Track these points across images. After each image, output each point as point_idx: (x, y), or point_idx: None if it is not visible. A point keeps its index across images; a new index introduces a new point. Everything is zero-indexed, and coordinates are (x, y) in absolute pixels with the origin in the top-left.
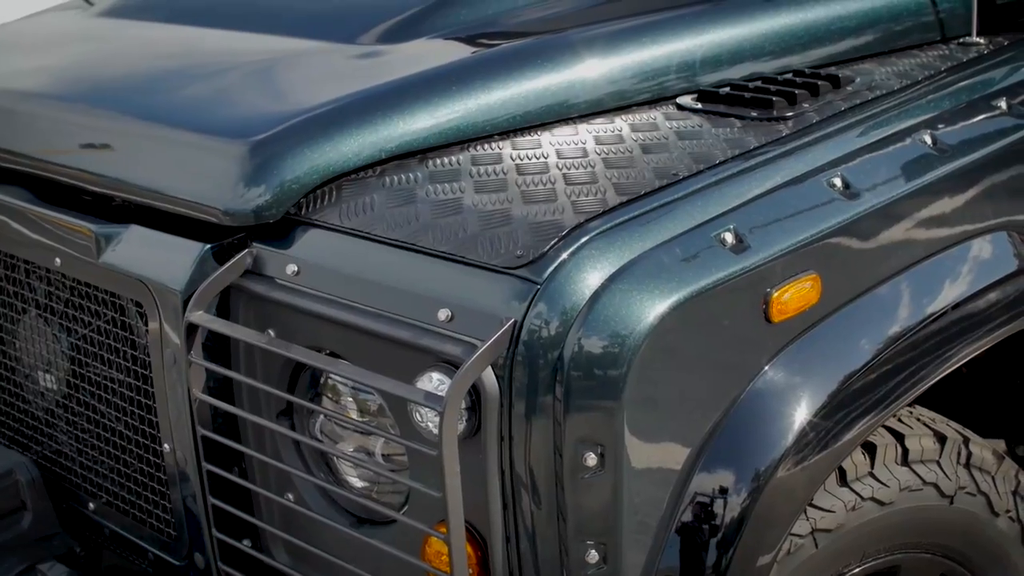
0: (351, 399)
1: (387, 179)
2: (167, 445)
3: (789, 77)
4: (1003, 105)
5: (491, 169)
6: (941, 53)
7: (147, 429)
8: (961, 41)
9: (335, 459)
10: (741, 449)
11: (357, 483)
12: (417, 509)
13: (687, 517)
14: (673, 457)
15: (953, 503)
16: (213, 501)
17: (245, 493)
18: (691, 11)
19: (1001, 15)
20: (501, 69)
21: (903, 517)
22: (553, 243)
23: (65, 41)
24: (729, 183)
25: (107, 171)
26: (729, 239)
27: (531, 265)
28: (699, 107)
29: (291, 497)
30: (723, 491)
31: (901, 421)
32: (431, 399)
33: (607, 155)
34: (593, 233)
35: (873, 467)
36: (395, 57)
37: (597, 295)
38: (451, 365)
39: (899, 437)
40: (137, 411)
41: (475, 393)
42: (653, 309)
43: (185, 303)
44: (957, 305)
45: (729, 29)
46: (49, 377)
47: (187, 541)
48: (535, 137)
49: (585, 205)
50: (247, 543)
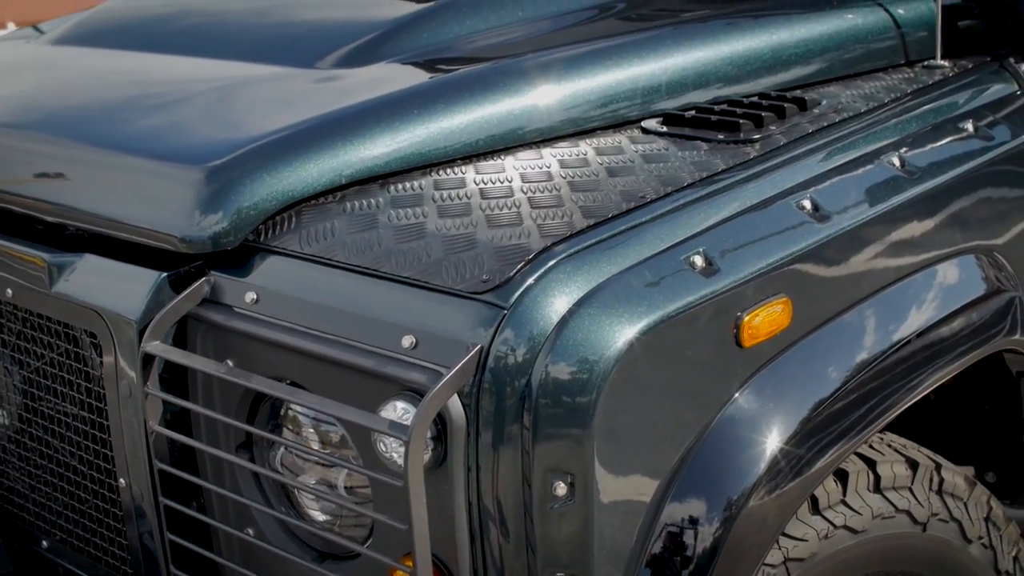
0: (312, 430)
1: (348, 204)
2: (123, 480)
3: (755, 100)
4: (969, 127)
5: (454, 193)
6: (906, 76)
7: (102, 464)
8: (926, 64)
9: (296, 492)
10: (713, 478)
11: (319, 516)
12: (382, 542)
13: (658, 548)
14: (644, 486)
15: (926, 530)
16: (171, 537)
17: (204, 528)
18: (654, 34)
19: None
20: (463, 93)
21: (876, 545)
22: (519, 267)
23: (15, 70)
24: (697, 206)
25: (60, 199)
26: (699, 262)
27: (497, 290)
28: (664, 130)
29: (251, 532)
30: (695, 521)
31: (872, 447)
32: (396, 428)
33: (572, 178)
34: (560, 256)
35: (845, 495)
36: (354, 81)
37: (565, 320)
38: (416, 393)
39: (871, 464)
40: (92, 445)
41: (441, 422)
42: (623, 334)
43: (141, 333)
44: (927, 329)
45: (694, 52)
46: (0, 411)
47: None
48: (498, 161)
49: (552, 228)
50: None
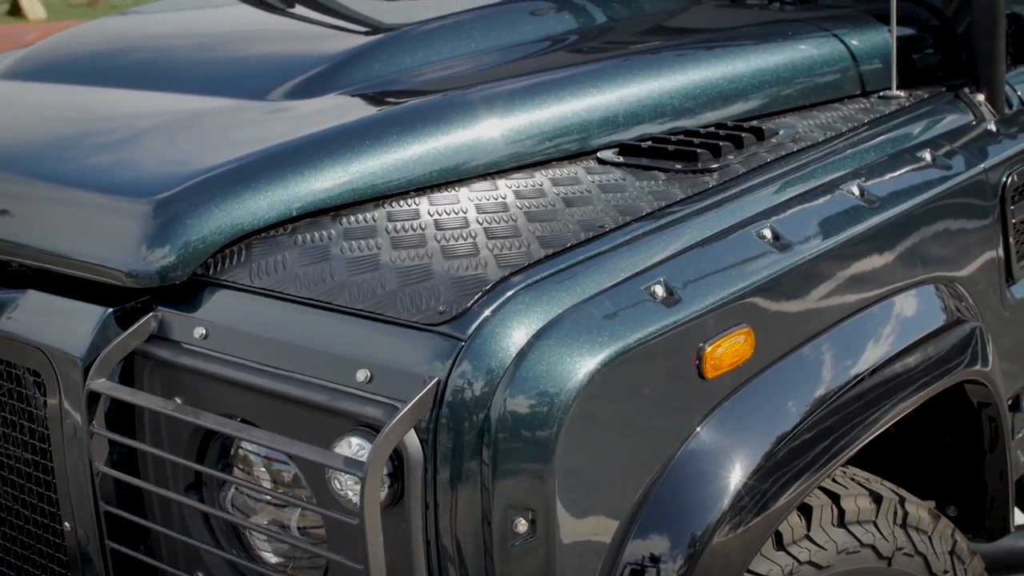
0: (264, 469)
1: (299, 237)
2: (68, 524)
3: (712, 130)
4: (927, 157)
5: (408, 225)
6: (862, 106)
7: (46, 507)
8: (881, 95)
9: (248, 533)
10: (676, 514)
11: (272, 558)
12: None
13: None
14: (607, 522)
15: (891, 565)
16: None
17: (152, 573)
18: (607, 65)
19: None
20: (416, 124)
21: None
22: (477, 298)
23: None
24: (657, 235)
25: (3, 235)
26: (660, 292)
27: (454, 321)
28: (621, 160)
29: (201, 575)
30: (658, 559)
31: (836, 481)
32: (351, 464)
33: (529, 209)
34: (519, 287)
35: (809, 529)
36: (304, 113)
37: (524, 352)
38: (371, 429)
39: (834, 498)
40: (35, 488)
41: (397, 458)
42: (584, 365)
43: (86, 371)
44: (891, 360)
45: (647, 84)
46: None
47: None
48: (452, 192)
49: (509, 258)
50: None
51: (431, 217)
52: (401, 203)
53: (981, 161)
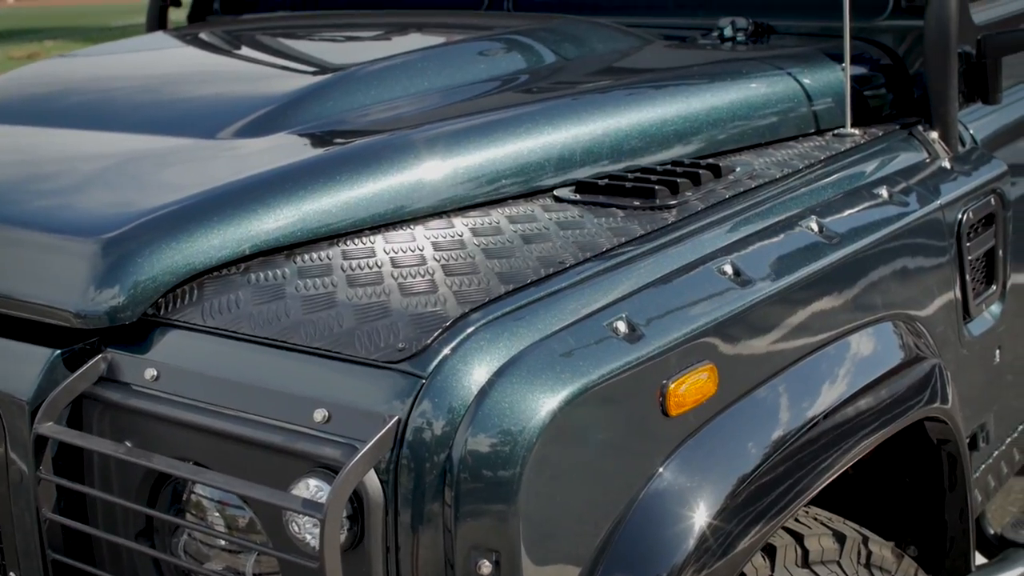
0: (218, 514)
1: (252, 276)
2: (13, 574)
3: (668, 167)
4: (884, 194)
5: (364, 263)
6: (817, 144)
7: None
8: (836, 132)
9: None
10: (641, 555)
11: None
12: None
13: None
14: (571, 562)
15: None
16: None
17: None
18: (561, 104)
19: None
20: (369, 162)
21: None
22: (437, 334)
23: None
24: (618, 271)
25: None
26: (622, 328)
27: (414, 359)
28: (577, 198)
29: None
30: None
31: (799, 521)
32: (310, 506)
33: (486, 246)
34: (480, 323)
35: (774, 570)
36: (253, 152)
37: (486, 389)
38: (329, 470)
39: (798, 538)
40: None
41: (357, 499)
42: (548, 403)
43: (33, 414)
44: (854, 397)
45: (603, 121)
46: None
47: None
48: (408, 231)
49: (469, 295)
50: None
51: (387, 255)
52: (355, 241)
53: (937, 198)
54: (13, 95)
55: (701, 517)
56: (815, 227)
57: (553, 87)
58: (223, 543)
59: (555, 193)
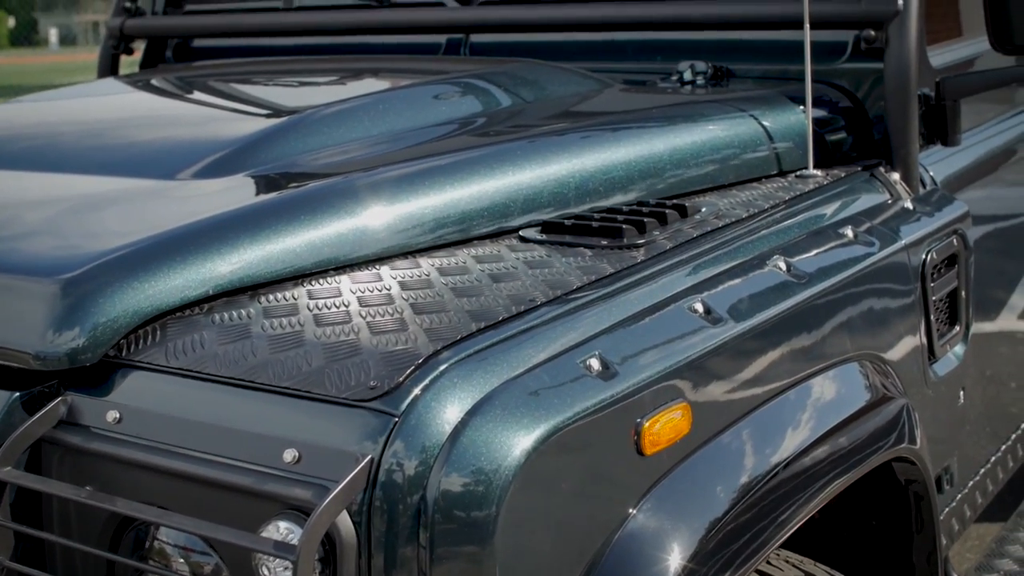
0: (183, 560)
1: (216, 316)
2: None
3: (635, 207)
4: (850, 234)
5: (331, 303)
6: (781, 185)
7: None
8: (799, 174)
9: None
10: None
11: None
12: None
13: None
14: None
15: None
16: None
17: None
18: (522, 145)
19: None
20: (333, 203)
21: None
22: (409, 372)
23: None
24: (589, 309)
25: None
26: (596, 365)
27: (386, 397)
28: (544, 238)
29: None
30: None
31: (770, 563)
32: (282, 548)
33: (455, 285)
34: (452, 360)
35: None
36: (215, 192)
37: (461, 428)
38: (300, 512)
39: None
40: None
41: (329, 542)
42: (523, 442)
43: None
44: (824, 437)
45: (566, 163)
46: None
47: None
48: (373, 271)
49: (440, 332)
50: None
51: (353, 295)
52: (320, 282)
53: (902, 238)
54: None
55: (676, 560)
56: (783, 266)
57: (513, 129)
58: None
59: (521, 233)
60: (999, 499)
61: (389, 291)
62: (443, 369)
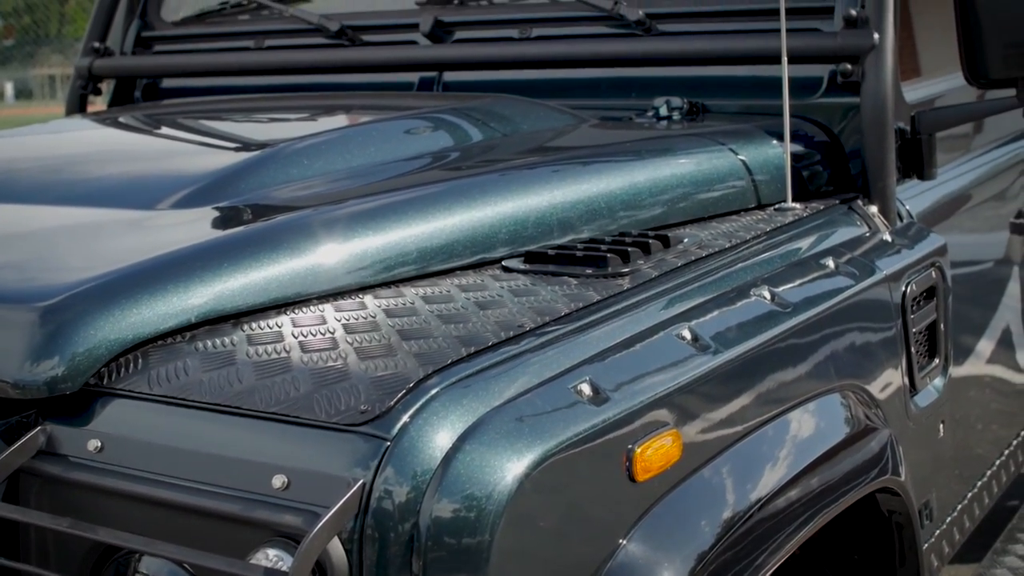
0: None
1: (200, 344)
2: None
3: (617, 237)
4: (831, 264)
5: (316, 330)
6: (761, 217)
7: None
8: (778, 207)
9: None
10: None
11: None
12: None
13: None
14: None
15: None
16: None
17: None
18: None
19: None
20: (316, 232)
21: None
22: (400, 395)
23: None
24: (578, 335)
25: None
26: (587, 390)
27: (377, 420)
28: (527, 268)
29: None
30: None
31: None
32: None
33: (440, 312)
34: (444, 384)
35: None
36: (195, 222)
37: (453, 452)
38: (289, 539)
39: None
40: None
41: (319, 570)
42: (516, 467)
43: None
44: (811, 466)
45: (548, 193)
46: None
47: None
48: (357, 300)
49: (430, 357)
50: None
51: (339, 322)
52: (305, 310)
53: (882, 269)
54: None
55: None
56: (768, 295)
57: (490, 162)
58: None
59: (504, 264)
60: (972, 539)
61: (374, 318)
62: (434, 393)
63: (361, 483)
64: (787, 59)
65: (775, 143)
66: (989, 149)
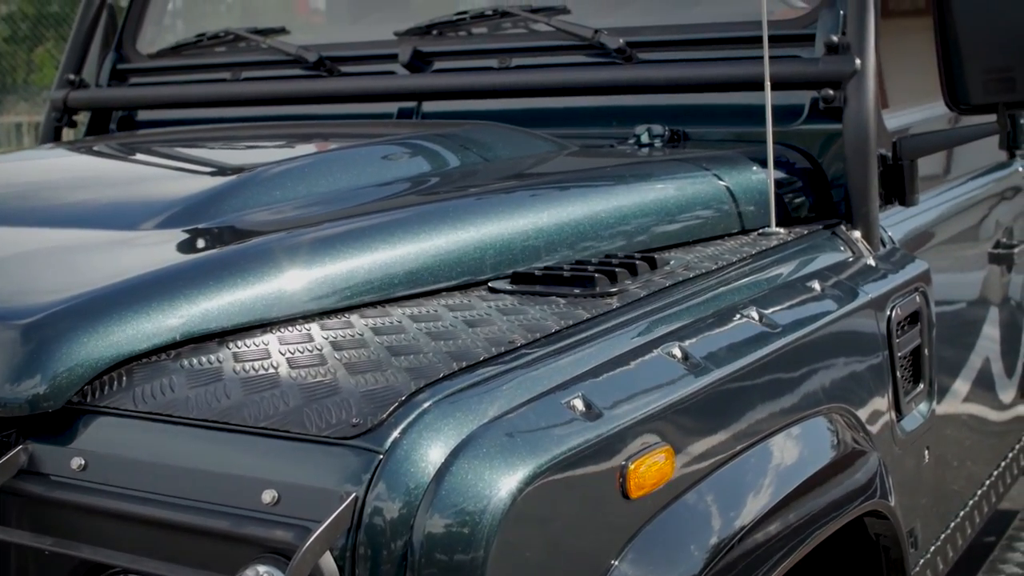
0: None
1: (185, 361)
2: None
3: (604, 259)
4: (817, 287)
5: (303, 347)
6: (745, 242)
7: None
8: (761, 232)
9: None
10: None
11: None
12: None
13: None
14: None
15: None
16: None
17: None
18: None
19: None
20: (301, 252)
21: None
22: (393, 408)
23: None
24: (570, 352)
25: None
26: (580, 406)
27: (369, 434)
28: (513, 288)
29: None
30: None
31: None
32: None
33: (429, 330)
34: (437, 398)
35: None
36: (179, 242)
37: (447, 466)
38: (280, 555)
39: None
40: None
41: None
42: (511, 481)
43: None
44: (802, 487)
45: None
46: None
47: None
48: (343, 319)
49: (421, 371)
50: None
51: (326, 340)
52: (290, 329)
53: (868, 293)
54: None
55: None
56: (756, 316)
57: (471, 187)
58: None
59: (490, 285)
60: (953, 571)
61: (362, 336)
62: (427, 407)
63: (353, 497)
64: (769, 85)
65: (758, 169)
66: (966, 180)
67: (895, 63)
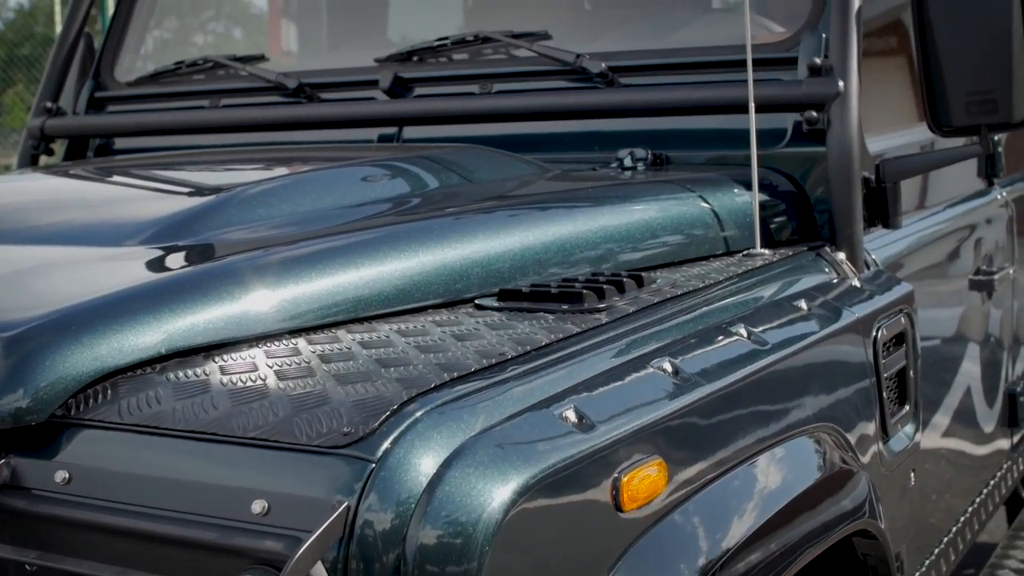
0: None
1: (171, 374)
2: None
3: (590, 277)
4: (804, 306)
5: (290, 360)
6: (731, 262)
7: None
8: (746, 253)
9: None
10: None
11: None
12: None
13: None
14: None
15: None
16: None
17: None
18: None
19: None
20: (287, 268)
21: None
22: (385, 417)
23: None
24: (560, 365)
25: None
26: (572, 417)
27: (361, 442)
28: (501, 305)
29: None
30: None
31: None
32: None
33: (418, 343)
34: (429, 407)
35: None
36: (165, 258)
37: (440, 476)
38: (270, 566)
39: None
40: None
41: None
42: (504, 492)
43: None
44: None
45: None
46: None
47: None
48: (329, 334)
49: (412, 382)
50: None
51: (314, 353)
52: (277, 343)
53: (854, 313)
54: None
55: None
56: (745, 334)
57: (453, 207)
58: None
59: (477, 302)
60: None
61: (350, 349)
62: (419, 416)
63: (345, 506)
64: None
65: (742, 191)
66: (945, 207)
67: (876, 87)
